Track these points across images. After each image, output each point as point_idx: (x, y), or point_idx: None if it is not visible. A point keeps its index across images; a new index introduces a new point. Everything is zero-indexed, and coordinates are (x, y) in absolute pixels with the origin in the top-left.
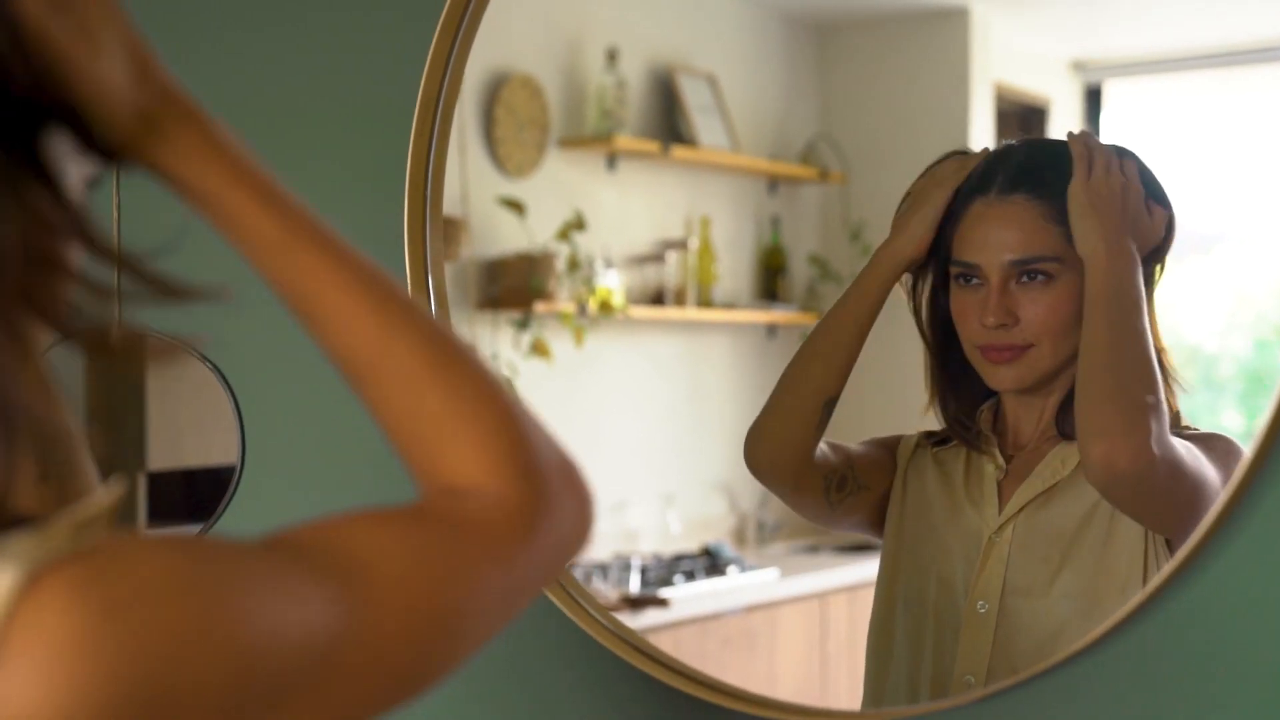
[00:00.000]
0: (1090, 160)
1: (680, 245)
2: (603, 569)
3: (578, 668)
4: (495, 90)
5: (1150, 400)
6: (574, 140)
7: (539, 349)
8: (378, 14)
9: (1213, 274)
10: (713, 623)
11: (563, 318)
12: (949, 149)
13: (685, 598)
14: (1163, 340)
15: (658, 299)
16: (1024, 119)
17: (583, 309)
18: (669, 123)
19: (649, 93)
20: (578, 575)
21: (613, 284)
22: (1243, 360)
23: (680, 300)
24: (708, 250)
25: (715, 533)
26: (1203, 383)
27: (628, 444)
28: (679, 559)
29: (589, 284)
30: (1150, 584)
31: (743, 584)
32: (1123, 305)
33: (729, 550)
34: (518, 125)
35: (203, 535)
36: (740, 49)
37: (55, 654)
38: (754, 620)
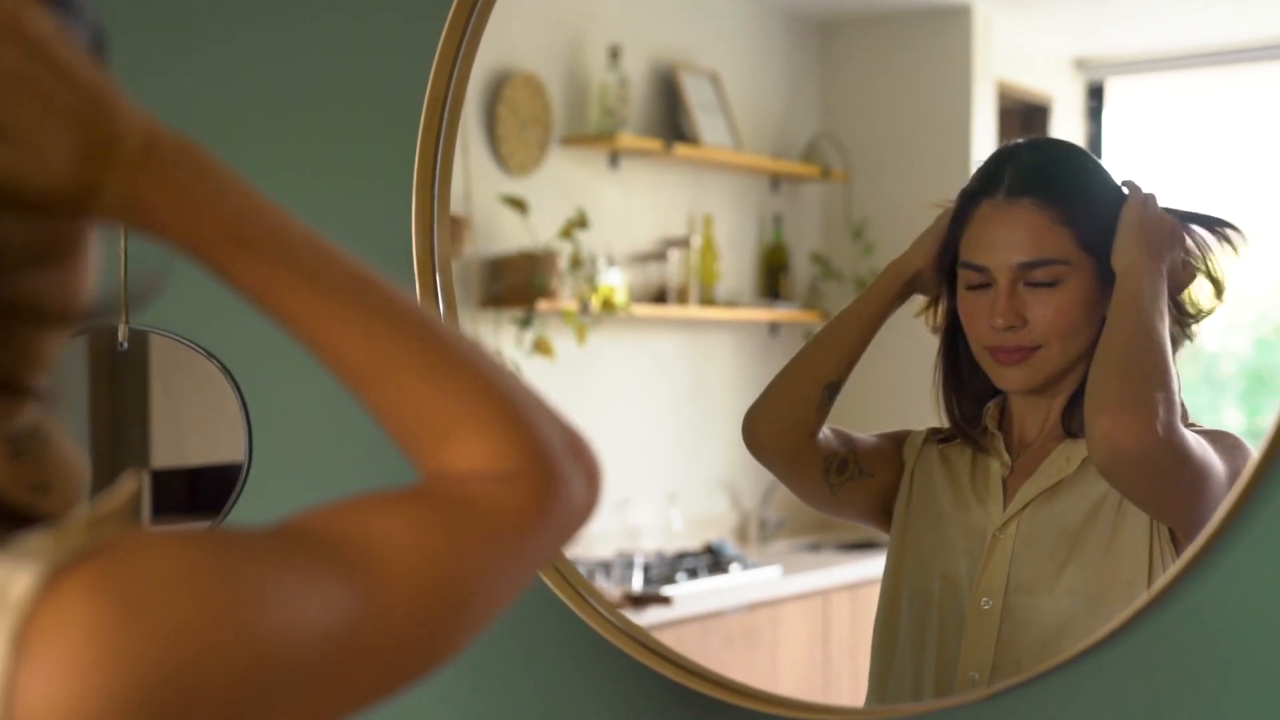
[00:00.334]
0: (1149, 199)
1: (682, 243)
2: (605, 567)
3: (584, 664)
4: (497, 88)
5: (1160, 388)
6: (576, 138)
7: (541, 347)
8: (384, 14)
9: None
10: (715, 620)
11: (565, 316)
12: (951, 147)
13: (688, 595)
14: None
15: (660, 297)
16: (1026, 117)
17: (585, 307)
18: (671, 121)
19: (651, 91)
20: (581, 573)
21: (615, 282)
22: (1243, 359)
23: (682, 298)
24: (710, 248)
25: (718, 530)
26: (1203, 381)
27: (630, 442)
28: (681, 557)
29: (591, 282)
30: (1156, 584)
31: (745, 582)
32: (1147, 312)
33: (731, 548)
34: (520, 123)
35: (215, 528)
36: (742, 47)
37: (78, 653)
38: (756, 618)
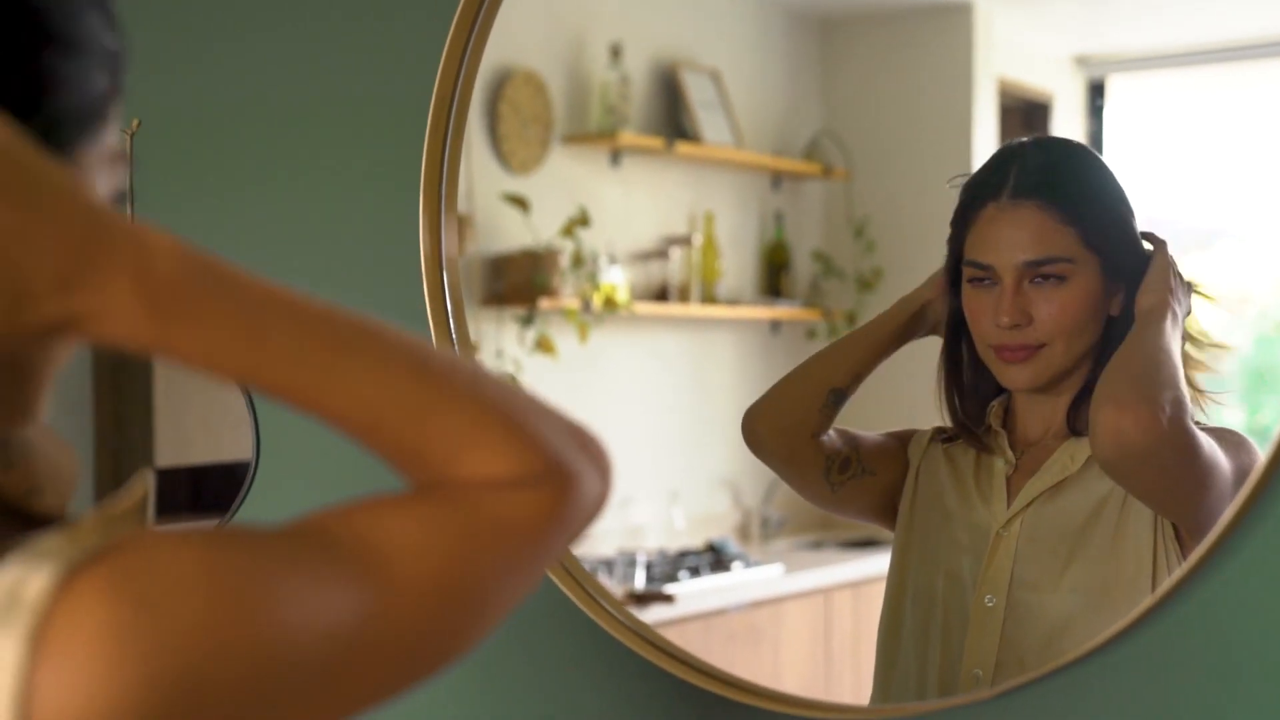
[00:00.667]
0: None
1: (684, 241)
2: (608, 565)
3: (589, 660)
4: (499, 87)
5: (1169, 387)
6: (578, 136)
7: (543, 345)
8: (391, 13)
9: (1214, 269)
10: (717, 619)
11: (567, 314)
12: (952, 145)
13: (690, 594)
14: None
15: (662, 295)
16: (1027, 115)
17: (587, 305)
18: (673, 119)
19: (653, 89)
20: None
21: (617, 280)
22: (1244, 356)
23: (684, 296)
24: (711, 246)
25: (720, 529)
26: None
27: (632, 440)
28: (684, 555)
29: (593, 280)
30: (1163, 584)
31: (747, 580)
32: (1166, 335)
33: (734, 546)
34: (522, 122)
35: (227, 527)
36: (744, 45)
37: (94, 651)
38: (758, 616)
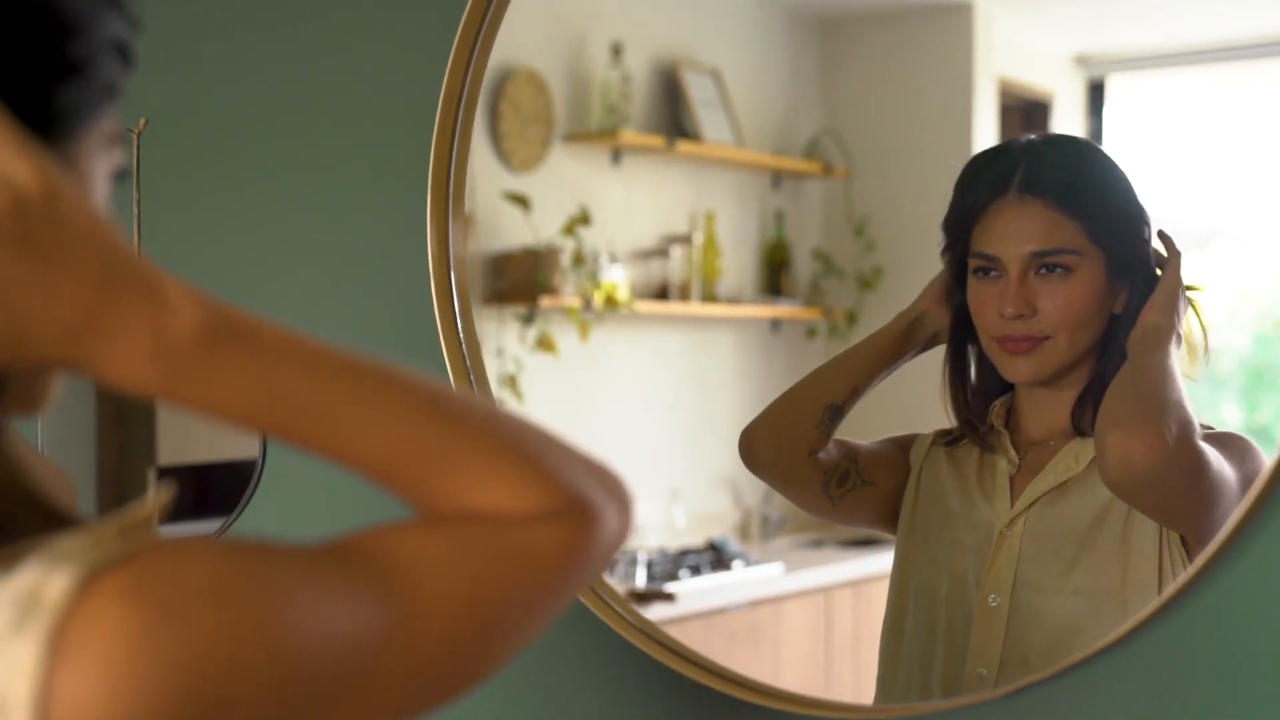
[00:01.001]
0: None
1: (684, 240)
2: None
3: (593, 657)
4: (500, 85)
5: (1174, 409)
6: (579, 135)
7: (544, 344)
8: (399, 13)
9: (1213, 269)
10: (718, 617)
11: (568, 312)
12: (953, 144)
13: (691, 592)
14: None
15: (662, 294)
16: (1027, 114)
17: (588, 304)
18: (673, 118)
19: (653, 88)
20: None
21: (617, 279)
22: (1243, 355)
23: (685, 295)
24: (712, 245)
25: (720, 527)
26: (1203, 378)
27: (633, 438)
28: (684, 554)
29: (594, 279)
30: (1168, 588)
31: (748, 579)
32: (1168, 357)
33: (734, 545)
34: (522, 120)
35: (251, 538)
36: (745, 44)
37: (112, 656)
38: (759, 615)
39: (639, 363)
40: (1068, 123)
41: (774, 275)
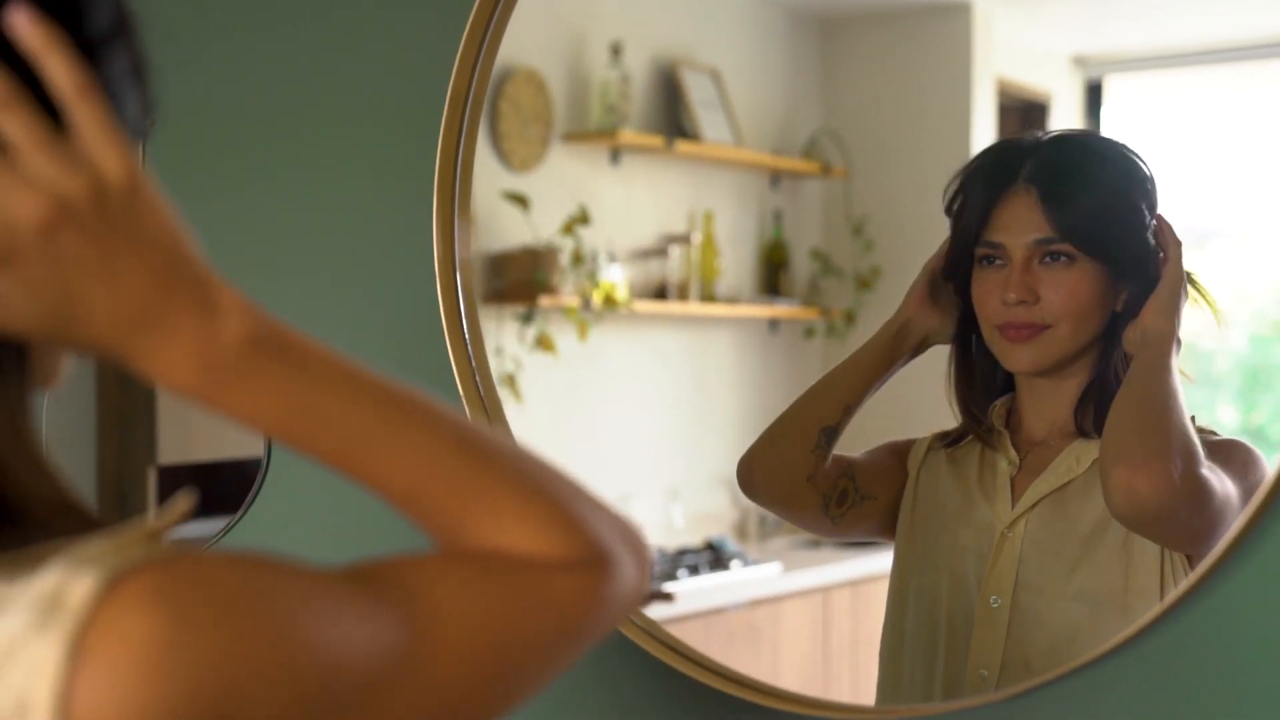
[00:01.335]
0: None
1: (683, 240)
2: None
3: (590, 656)
4: (499, 85)
5: (1178, 439)
6: (578, 135)
7: (543, 343)
8: (406, 13)
9: (1210, 270)
10: (716, 617)
11: (567, 312)
12: (951, 144)
13: (689, 592)
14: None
15: (661, 293)
16: (1025, 114)
17: (587, 303)
18: (672, 117)
19: (653, 87)
20: None
21: (616, 278)
22: (1239, 356)
23: (683, 295)
24: (710, 245)
25: (719, 527)
26: (1199, 378)
27: (631, 438)
28: (682, 553)
29: (593, 278)
30: (1170, 593)
31: (746, 578)
32: (1170, 374)
33: (732, 545)
34: (522, 120)
35: (274, 553)
36: (744, 44)
37: (131, 661)
38: (757, 615)
39: (638, 362)
40: (1066, 123)
41: (772, 275)
